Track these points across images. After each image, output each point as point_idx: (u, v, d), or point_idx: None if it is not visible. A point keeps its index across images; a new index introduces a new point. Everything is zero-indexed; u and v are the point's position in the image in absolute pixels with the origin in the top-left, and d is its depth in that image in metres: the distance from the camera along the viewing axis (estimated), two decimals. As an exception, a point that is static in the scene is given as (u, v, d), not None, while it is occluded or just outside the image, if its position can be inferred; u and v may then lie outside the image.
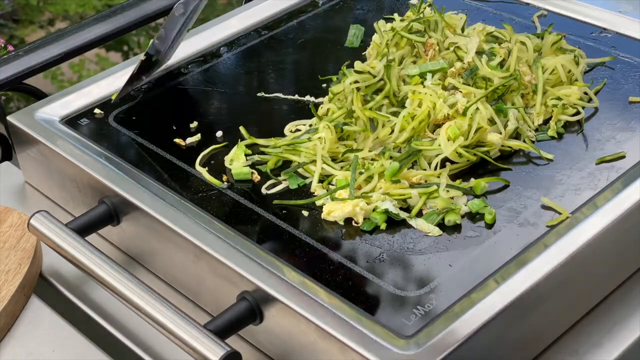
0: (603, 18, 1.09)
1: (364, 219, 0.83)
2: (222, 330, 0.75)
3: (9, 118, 1.00)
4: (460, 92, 0.92)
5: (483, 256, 0.78)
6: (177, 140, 0.94)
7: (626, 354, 0.79)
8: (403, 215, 0.82)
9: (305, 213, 0.84)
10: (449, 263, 0.78)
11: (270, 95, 1.01)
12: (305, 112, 0.97)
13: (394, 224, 0.82)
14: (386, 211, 0.82)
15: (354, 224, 0.83)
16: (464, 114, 0.88)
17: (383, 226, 0.82)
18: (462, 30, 1.02)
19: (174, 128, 0.96)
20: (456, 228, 0.81)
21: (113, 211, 0.89)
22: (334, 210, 0.83)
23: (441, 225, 0.82)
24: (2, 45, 1.25)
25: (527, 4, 1.13)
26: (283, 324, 0.76)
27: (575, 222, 0.80)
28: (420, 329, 0.71)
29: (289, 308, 0.74)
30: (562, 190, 0.84)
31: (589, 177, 0.85)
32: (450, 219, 0.81)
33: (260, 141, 0.92)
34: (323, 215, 0.83)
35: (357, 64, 0.95)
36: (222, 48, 1.10)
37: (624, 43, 1.04)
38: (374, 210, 0.83)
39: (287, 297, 0.75)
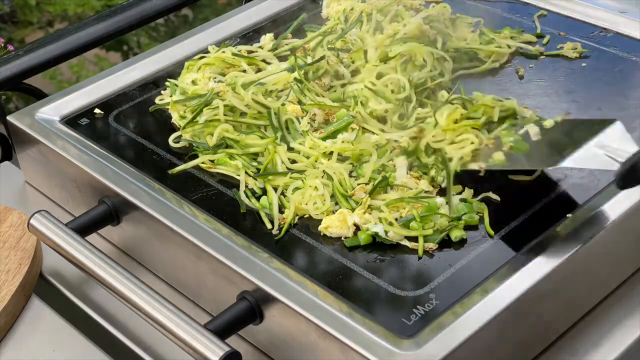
0: (603, 18, 1.09)
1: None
2: (222, 330, 0.75)
3: (9, 118, 1.00)
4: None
5: (483, 256, 0.78)
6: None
7: (626, 354, 0.79)
8: (396, 239, 0.80)
9: (307, 215, 0.84)
10: (449, 263, 0.78)
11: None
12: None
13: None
14: (376, 234, 0.80)
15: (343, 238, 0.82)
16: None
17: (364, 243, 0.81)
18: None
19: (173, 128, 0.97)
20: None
21: (113, 211, 0.89)
22: (330, 226, 0.82)
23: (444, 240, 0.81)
24: (2, 45, 1.25)
25: (527, 4, 1.13)
26: (283, 324, 0.76)
27: (575, 222, 0.80)
28: (420, 329, 0.71)
29: (289, 308, 0.74)
30: (562, 190, 0.84)
31: (589, 176, 0.85)
32: (457, 235, 0.80)
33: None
34: (320, 229, 0.82)
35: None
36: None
37: (624, 43, 1.04)
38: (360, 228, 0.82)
39: (287, 297, 0.75)
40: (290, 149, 0.90)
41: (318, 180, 0.85)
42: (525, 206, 0.83)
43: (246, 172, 0.88)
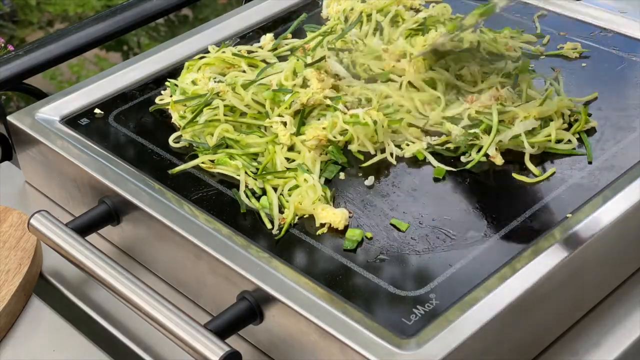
0: (603, 18, 1.09)
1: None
2: (222, 330, 0.75)
3: (9, 118, 1.00)
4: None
5: (483, 256, 0.78)
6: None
7: (626, 354, 0.79)
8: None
9: (306, 215, 0.84)
10: (449, 263, 0.78)
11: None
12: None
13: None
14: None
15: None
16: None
17: (369, 235, 0.82)
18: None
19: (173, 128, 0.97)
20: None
21: (113, 211, 0.89)
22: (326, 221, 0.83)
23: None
24: (2, 44, 1.25)
25: (527, 3, 1.13)
26: (283, 324, 0.76)
27: (575, 222, 0.80)
28: (420, 329, 0.71)
29: (289, 308, 0.74)
30: (562, 190, 0.84)
31: (589, 176, 0.85)
32: None
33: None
34: (318, 233, 0.83)
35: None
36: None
37: (624, 43, 1.04)
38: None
39: (287, 297, 0.75)
40: (290, 149, 0.90)
41: (306, 174, 0.86)
42: (526, 206, 0.83)
43: (246, 172, 0.88)
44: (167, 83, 1.02)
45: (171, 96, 1.00)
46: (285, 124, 0.91)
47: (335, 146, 0.90)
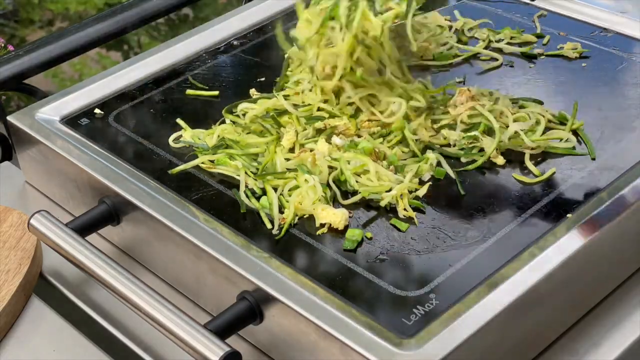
0: (603, 18, 1.09)
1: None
2: (222, 330, 0.75)
3: (9, 118, 1.00)
4: None
5: (483, 256, 0.78)
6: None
7: (626, 354, 0.79)
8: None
9: (306, 215, 0.84)
10: (449, 263, 0.78)
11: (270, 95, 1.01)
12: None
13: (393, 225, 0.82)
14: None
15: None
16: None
17: (369, 235, 0.82)
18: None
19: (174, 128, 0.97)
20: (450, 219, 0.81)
21: (113, 211, 0.89)
22: (326, 221, 0.83)
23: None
24: (2, 44, 1.25)
25: (527, 4, 1.13)
26: (283, 324, 0.76)
27: (575, 222, 0.80)
28: (420, 329, 0.71)
29: (289, 308, 0.74)
30: (562, 190, 0.84)
31: (589, 176, 0.85)
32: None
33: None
34: (318, 233, 0.83)
35: None
36: (222, 48, 1.10)
37: (624, 43, 1.04)
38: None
39: (287, 297, 0.75)
40: (291, 150, 0.91)
41: (307, 174, 0.85)
42: (526, 206, 0.83)
43: (246, 172, 0.88)
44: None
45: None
46: (297, 133, 0.91)
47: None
